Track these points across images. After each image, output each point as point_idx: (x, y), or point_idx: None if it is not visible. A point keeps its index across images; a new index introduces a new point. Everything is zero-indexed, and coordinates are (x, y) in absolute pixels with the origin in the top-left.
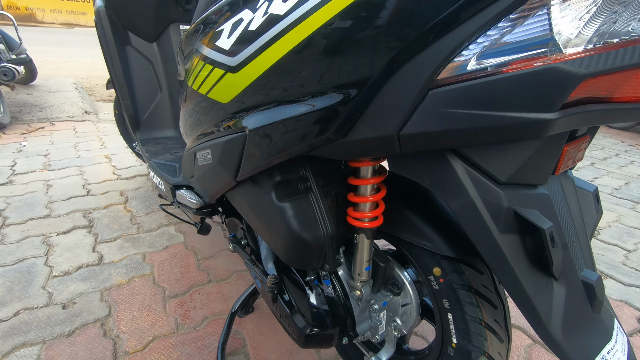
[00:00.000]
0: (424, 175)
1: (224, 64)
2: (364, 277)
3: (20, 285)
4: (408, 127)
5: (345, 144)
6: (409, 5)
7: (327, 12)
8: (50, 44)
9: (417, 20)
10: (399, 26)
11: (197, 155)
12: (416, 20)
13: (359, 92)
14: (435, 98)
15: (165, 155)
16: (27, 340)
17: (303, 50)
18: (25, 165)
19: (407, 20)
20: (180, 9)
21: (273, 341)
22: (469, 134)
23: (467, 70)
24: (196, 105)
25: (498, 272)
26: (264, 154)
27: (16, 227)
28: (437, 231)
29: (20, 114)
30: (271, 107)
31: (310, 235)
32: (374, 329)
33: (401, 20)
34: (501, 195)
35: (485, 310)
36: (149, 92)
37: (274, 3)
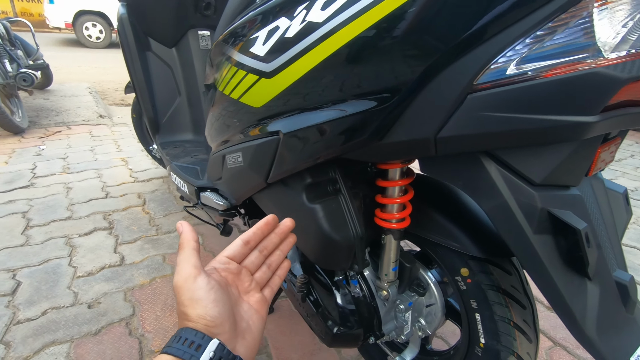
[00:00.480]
0: (456, 177)
1: (258, 69)
2: (391, 277)
3: (46, 285)
4: (445, 130)
5: (380, 147)
6: (451, 14)
7: (368, 20)
8: (63, 49)
9: (458, 28)
10: (440, 33)
11: (226, 158)
12: (457, 27)
13: (396, 97)
14: (473, 102)
15: (185, 158)
16: (56, 338)
17: (342, 56)
18: (45, 168)
19: (448, 28)
20: (199, 15)
21: (294, 341)
22: (507, 137)
23: (506, 75)
24: (226, 109)
25: (532, 272)
26: (298, 157)
27: (40, 229)
28: (465, 232)
29: (37, 118)
30: (306, 111)
31: (340, 236)
32: (400, 329)
33: (442, 27)
34: (535, 197)
35: (514, 310)
36: (168, 96)
37: (312, 11)
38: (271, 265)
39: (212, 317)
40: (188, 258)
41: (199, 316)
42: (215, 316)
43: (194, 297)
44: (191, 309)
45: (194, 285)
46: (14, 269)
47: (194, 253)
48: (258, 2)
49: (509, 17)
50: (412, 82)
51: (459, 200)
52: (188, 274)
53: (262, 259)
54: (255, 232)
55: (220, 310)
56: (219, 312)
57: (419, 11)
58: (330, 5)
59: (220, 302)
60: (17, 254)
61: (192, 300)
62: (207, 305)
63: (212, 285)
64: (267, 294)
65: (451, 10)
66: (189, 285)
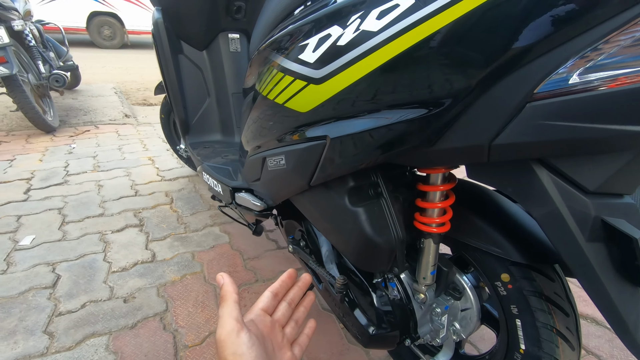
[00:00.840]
0: (505, 183)
1: (307, 76)
2: (429, 281)
3: (84, 279)
4: (502, 138)
5: (429, 153)
6: (515, 25)
7: (426, 29)
8: (88, 49)
9: (522, 38)
10: (503, 43)
11: (267, 160)
12: (521, 38)
13: (452, 104)
14: (533, 111)
15: (216, 158)
16: (95, 330)
17: (396, 64)
18: (77, 166)
19: (511, 39)
20: (230, 19)
21: (323, 341)
22: (565, 145)
23: (568, 84)
24: (268, 113)
25: (583, 280)
26: (343, 163)
27: (75, 225)
28: (507, 237)
29: (67, 117)
30: (356, 117)
31: (382, 239)
32: (435, 332)
33: (505, 38)
34: (588, 204)
35: (557, 317)
36: (198, 98)
37: (367, 20)
38: (298, 322)
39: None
40: (230, 311)
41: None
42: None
43: (238, 352)
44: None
45: (238, 340)
46: (53, 262)
47: (235, 306)
48: (297, 13)
49: (576, 28)
50: (471, 90)
51: (500, 205)
52: (231, 328)
53: (290, 311)
54: (281, 284)
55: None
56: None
57: (481, 23)
58: (386, 15)
59: (260, 358)
60: (55, 248)
61: (235, 355)
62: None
63: (253, 342)
64: (297, 353)
65: (516, 22)
66: (232, 340)
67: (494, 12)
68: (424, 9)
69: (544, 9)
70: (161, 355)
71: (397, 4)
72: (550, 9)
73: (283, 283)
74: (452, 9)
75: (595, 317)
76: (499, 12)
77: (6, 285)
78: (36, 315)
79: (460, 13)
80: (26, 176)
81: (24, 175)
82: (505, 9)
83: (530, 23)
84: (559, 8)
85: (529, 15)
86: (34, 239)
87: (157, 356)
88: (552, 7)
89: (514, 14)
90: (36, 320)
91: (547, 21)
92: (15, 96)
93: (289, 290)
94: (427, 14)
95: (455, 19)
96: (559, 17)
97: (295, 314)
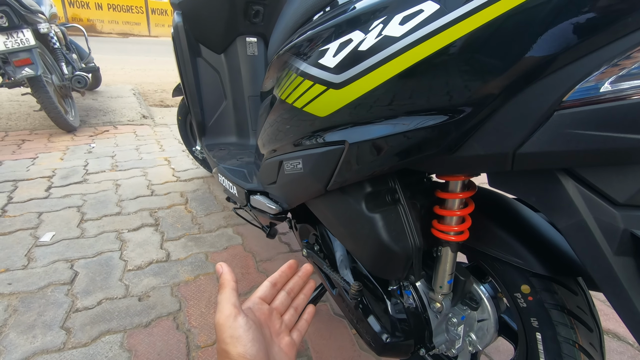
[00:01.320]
0: (529, 192)
1: (327, 80)
2: (446, 290)
3: (100, 276)
4: (527, 146)
5: (451, 160)
6: (545, 31)
7: (451, 35)
8: (108, 52)
9: (551, 46)
10: (530, 51)
11: (284, 164)
12: (550, 46)
13: (476, 111)
14: (560, 119)
15: (231, 160)
16: (110, 327)
17: (418, 71)
18: (96, 165)
19: (541, 46)
20: (248, 23)
21: (334, 346)
22: (593, 155)
23: (599, 93)
24: (286, 117)
25: (610, 294)
26: (361, 168)
27: (93, 223)
28: (528, 248)
29: (87, 117)
30: (375, 123)
31: (399, 246)
32: (451, 343)
33: (535, 45)
34: (617, 217)
35: (580, 332)
36: (215, 100)
37: (389, 26)
38: (297, 309)
39: (251, 355)
40: (228, 298)
41: (239, 354)
42: (254, 354)
43: (235, 335)
44: (232, 347)
45: (235, 323)
46: (71, 259)
47: (233, 293)
48: (316, 19)
49: (608, 36)
50: (497, 97)
51: (521, 215)
52: (229, 312)
53: (289, 300)
54: (281, 274)
55: (257, 349)
56: (257, 350)
57: (508, 29)
58: (409, 20)
59: (257, 342)
60: (74, 245)
61: (232, 338)
62: (247, 344)
63: (250, 325)
64: (295, 338)
65: (545, 28)
66: (230, 323)
67: (522, 18)
68: (448, 15)
69: (574, 16)
70: (174, 355)
71: (421, 9)
72: (581, 15)
73: (283, 273)
74: (478, 14)
75: (617, 332)
76: (528, 18)
77: (26, 280)
78: (54, 311)
79: (486, 19)
80: (48, 174)
81: (46, 173)
82: (535, 15)
83: (559, 30)
84: (590, 14)
85: (558, 22)
86: (54, 235)
87: (170, 355)
88: (583, 13)
89: (544, 20)
90: (54, 315)
91: (577, 28)
92: (39, 96)
93: (289, 280)
94: (451, 20)
95: (481, 25)
96: (589, 24)
97: (294, 301)
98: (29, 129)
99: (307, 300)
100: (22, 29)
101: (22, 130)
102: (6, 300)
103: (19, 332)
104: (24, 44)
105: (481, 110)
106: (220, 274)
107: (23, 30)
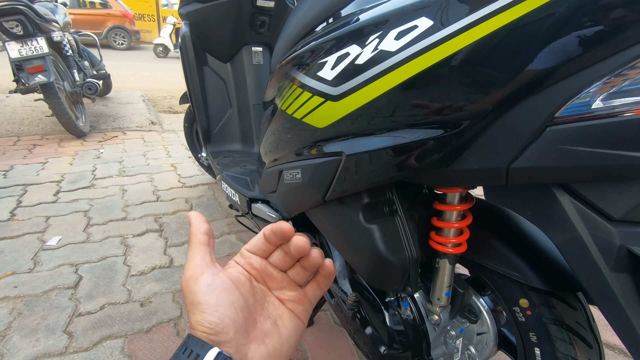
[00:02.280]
0: (525, 207)
1: (325, 92)
2: (444, 302)
3: (104, 281)
4: (520, 161)
5: (447, 173)
6: (538, 47)
7: (444, 51)
8: (118, 59)
9: (544, 61)
10: (523, 66)
11: (283, 173)
12: (543, 61)
13: (469, 125)
14: (553, 135)
15: (235, 168)
16: (112, 332)
17: (412, 85)
18: (104, 170)
19: (534, 61)
20: (254, 32)
21: (333, 356)
22: (587, 171)
23: (591, 109)
24: (286, 127)
25: (606, 311)
26: (358, 179)
27: (99, 227)
28: (527, 262)
29: (97, 123)
30: (372, 135)
31: (396, 257)
32: (449, 356)
33: (527, 60)
34: (613, 232)
35: (579, 348)
36: (220, 108)
37: (385, 40)
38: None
39: (211, 323)
40: (194, 255)
41: (197, 322)
42: (215, 322)
43: (194, 302)
44: (191, 315)
45: (195, 287)
46: (76, 263)
47: (201, 248)
48: (319, 30)
49: (600, 53)
50: (487, 112)
51: (520, 228)
52: (191, 274)
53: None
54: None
55: (221, 315)
56: (220, 317)
57: (502, 45)
58: (404, 35)
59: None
60: (79, 249)
61: (192, 305)
62: (206, 311)
63: (215, 287)
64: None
65: (539, 44)
66: (191, 288)
67: (515, 34)
68: (442, 31)
69: (567, 32)
70: None
71: (415, 25)
72: (575, 31)
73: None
74: (471, 31)
75: (623, 348)
76: (521, 34)
77: (32, 284)
78: (57, 315)
79: (479, 35)
80: (56, 179)
81: (55, 177)
82: (528, 32)
83: (553, 46)
84: (583, 31)
85: (552, 39)
86: (60, 239)
87: None
88: (576, 29)
89: (537, 36)
90: (57, 319)
91: (571, 44)
92: (51, 102)
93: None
94: (446, 36)
95: (474, 41)
96: (583, 40)
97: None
98: (40, 134)
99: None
100: (36, 37)
101: (34, 135)
102: (11, 303)
103: (22, 335)
104: (38, 52)
105: (475, 124)
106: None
107: (37, 38)
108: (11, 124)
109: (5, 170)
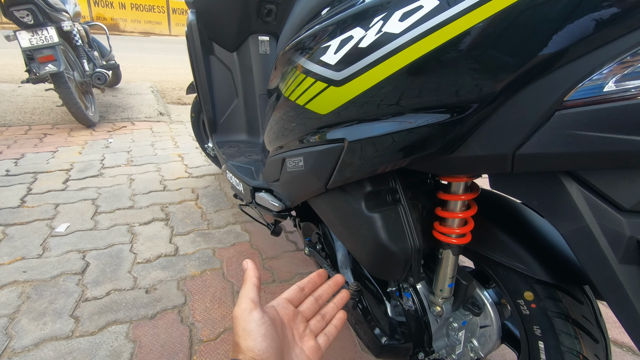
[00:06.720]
0: (531, 196)
1: (327, 77)
2: (446, 293)
3: (110, 267)
4: (527, 147)
5: (450, 160)
6: (547, 26)
7: (451, 32)
8: (130, 50)
9: (553, 42)
10: (532, 46)
11: (286, 161)
12: (551, 42)
13: (475, 110)
14: (562, 119)
15: (240, 157)
16: (117, 318)
17: (418, 68)
18: (112, 160)
19: (540, 43)
20: (260, 21)
21: (335, 346)
22: (597, 158)
23: (603, 92)
24: (289, 114)
25: (613, 304)
26: (360, 166)
27: (106, 215)
28: (532, 253)
29: (106, 113)
30: (374, 120)
31: (398, 247)
32: (451, 348)
33: (534, 42)
34: (623, 223)
35: (584, 342)
36: (226, 98)
37: (389, 22)
38: (325, 316)
39: (260, 350)
40: (248, 293)
41: (248, 348)
42: (262, 350)
43: (247, 329)
44: (243, 340)
45: (249, 317)
46: (84, 250)
47: (254, 289)
48: (324, 14)
49: (614, 31)
50: (493, 96)
51: (525, 218)
52: (245, 306)
53: (317, 307)
54: (310, 281)
55: (268, 346)
56: (267, 347)
57: (510, 25)
58: (409, 16)
59: (269, 338)
60: (87, 236)
61: (244, 332)
62: (257, 339)
63: (264, 321)
64: (322, 343)
65: (547, 23)
66: (244, 317)
67: (523, 12)
68: (449, 10)
69: (581, 10)
70: (177, 348)
71: (420, 5)
72: (589, 9)
73: (312, 280)
74: (478, 10)
75: (631, 345)
76: (531, 12)
77: (40, 269)
78: (65, 299)
79: (488, 14)
80: (66, 167)
81: (64, 166)
82: (539, 9)
83: (565, 25)
84: (598, 9)
85: (565, 16)
86: (69, 226)
87: (172, 348)
88: (591, 7)
89: (549, 14)
90: (64, 304)
91: (584, 22)
92: (61, 92)
93: (318, 287)
94: (452, 15)
95: (482, 20)
96: (596, 19)
97: (324, 309)
98: (51, 124)
99: (337, 310)
100: (47, 27)
101: (45, 125)
102: (20, 287)
103: (30, 319)
104: (48, 41)
105: (481, 108)
106: (245, 269)
107: (47, 27)
108: (23, 113)
109: (17, 159)
